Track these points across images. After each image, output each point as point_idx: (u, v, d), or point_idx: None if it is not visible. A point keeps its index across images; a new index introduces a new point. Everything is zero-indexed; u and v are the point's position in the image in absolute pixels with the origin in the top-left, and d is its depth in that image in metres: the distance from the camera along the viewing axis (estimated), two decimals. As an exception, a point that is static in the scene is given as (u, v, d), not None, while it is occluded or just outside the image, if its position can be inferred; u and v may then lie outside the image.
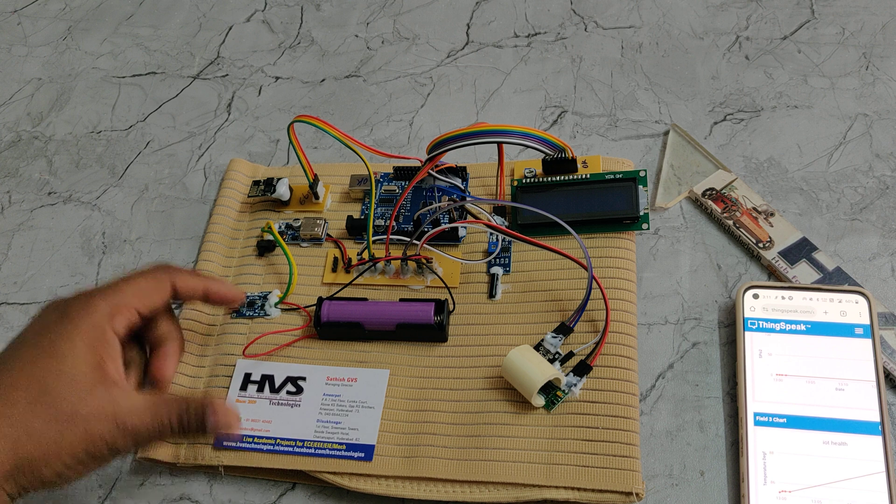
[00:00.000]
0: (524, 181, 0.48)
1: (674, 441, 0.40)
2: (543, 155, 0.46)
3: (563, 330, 0.42)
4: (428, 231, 0.43)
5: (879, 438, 0.37)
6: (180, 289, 0.40)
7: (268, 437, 0.41)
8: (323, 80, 0.59)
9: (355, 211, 0.50)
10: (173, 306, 0.42)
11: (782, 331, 0.41)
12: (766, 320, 0.42)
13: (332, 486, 0.40)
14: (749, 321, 0.42)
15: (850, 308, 0.41)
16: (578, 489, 0.37)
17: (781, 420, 0.38)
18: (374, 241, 0.46)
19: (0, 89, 0.63)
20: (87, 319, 0.35)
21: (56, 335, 0.35)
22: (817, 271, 0.44)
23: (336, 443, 0.41)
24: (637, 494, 0.37)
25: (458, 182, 0.48)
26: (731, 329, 0.43)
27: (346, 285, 0.46)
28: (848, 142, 0.50)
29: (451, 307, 0.44)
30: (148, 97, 0.61)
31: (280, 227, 0.49)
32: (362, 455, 0.40)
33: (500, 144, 0.46)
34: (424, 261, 0.45)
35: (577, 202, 0.45)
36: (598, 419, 0.39)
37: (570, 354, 0.41)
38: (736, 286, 0.45)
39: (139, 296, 0.38)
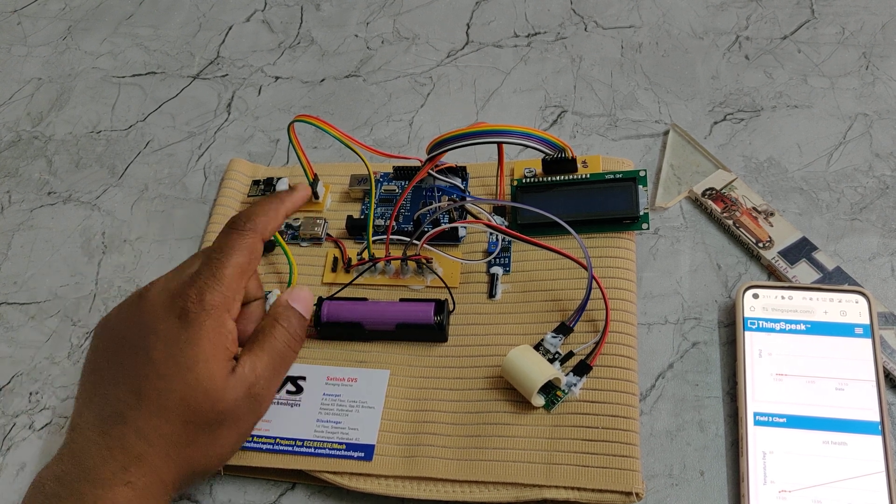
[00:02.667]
0: (524, 181, 0.48)
1: (674, 441, 0.40)
2: (543, 155, 0.46)
3: (563, 330, 0.42)
4: (428, 231, 0.43)
5: (879, 438, 0.37)
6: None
7: (267, 437, 0.41)
8: (323, 80, 0.60)
9: (355, 211, 0.50)
10: None
11: (782, 330, 0.41)
12: (766, 320, 0.42)
13: (331, 486, 0.40)
14: (749, 321, 0.42)
15: (850, 308, 0.41)
16: (578, 489, 0.37)
17: (781, 420, 0.38)
18: (374, 241, 0.46)
19: (0, 89, 0.63)
20: (208, 320, 0.35)
21: (185, 344, 0.35)
22: (817, 271, 0.44)
23: (336, 442, 0.41)
24: (637, 494, 0.37)
25: (457, 182, 0.48)
26: (730, 329, 0.43)
27: (346, 285, 0.46)
28: (848, 141, 0.50)
29: (451, 307, 0.44)
30: (148, 97, 0.61)
31: (280, 227, 0.49)
32: (362, 455, 0.40)
33: (499, 144, 0.46)
34: (424, 261, 0.45)
35: (577, 202, 0.45)
36: (598, 419, 0.39)
37: (570, 354, 0.41)
38: (736, 286, 0.45)
39: (242, 276, 0.37)
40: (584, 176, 0.47)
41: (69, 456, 0.34)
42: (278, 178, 0.50)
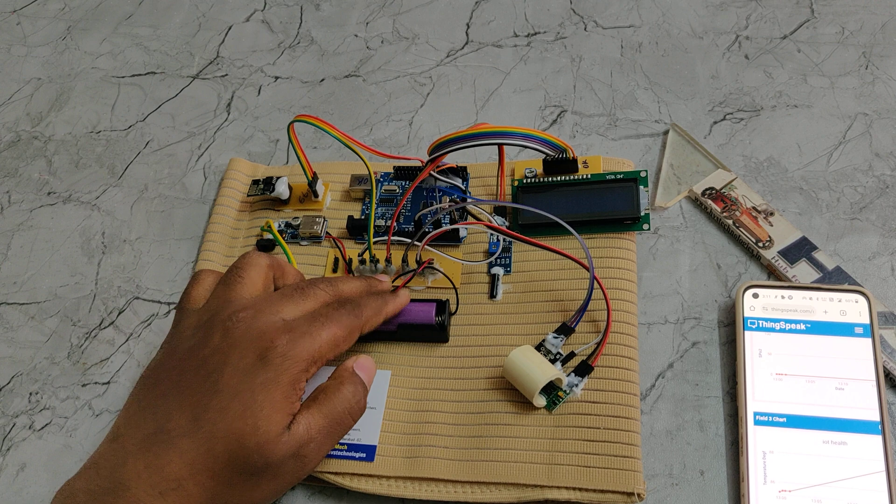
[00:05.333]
0: (525, 181, 0.48)
1: (674, 440, 0.40)
2: (544, 155, 0.46)
3: (565, 330, 0.42)
4: (429, 232, 0.43)
5: (879, 438, 0.37)
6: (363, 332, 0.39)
7: (269, 438, 0.41)
8: (322, 80, 0.59)
9: (355, 210, 0.50)
10: None
11: (782, 330, 0.41)
12: (766, 319, 0.42)
13: (332, 486, 0.40)
14: (749, 320, 0.42)
15: (850, 307, 0.41)
16: (580, 489, 0.37)
17: (781, 419, 0.39)
18: (374, 242, 0.46)
19: (0, 89, 0.63)
20: (288, 372, 0.34)
21: (258, 386, 0.34)
22: (817, 271, 0.44)
23: (337, 443, 0.40)
24: (638, 495, 0.37)
25: (458, 182, 0.48)
26: (730, 328, 0.43)
27: None
28: (848, 141, 0.50)
29: (453, 308, 0.44)
30: (147, 97, 0.61)
31: (280, 226, 0.49)
32: (364, 455, 0.40)
33: (500, 145, 0.46)
34: (427, 264, 0.45)
35: (577, 202, 0.45)
36: (599, 419, 0.39)
37: (572, 354, 0.41)
38: (736, 285, 0.45)
39: (333, 349, 0.37)
40: (584, 176, 0.47)
41: (106, 469, 0.33)
42: (278, 178, 0.50)
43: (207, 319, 0.37)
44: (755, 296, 0.42)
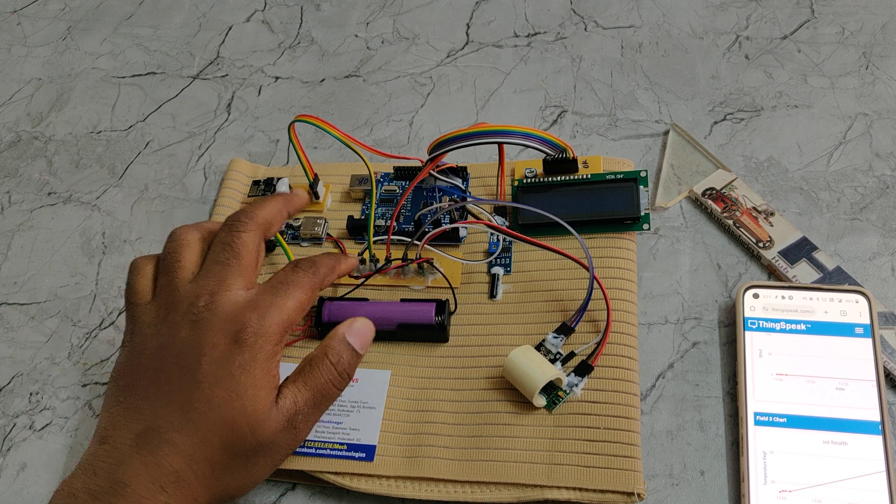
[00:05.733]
0: (525, 181, 0.48)
1: (674, 441, 0.40)
2: (544, 155, 0.46)
3: (565, 330, 0.42)
4: (429, 231, 0.43)
5: (879, 438, 0.37)
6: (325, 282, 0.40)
7: (269, 438, 0.41)
8: (323, 80, 0.59)
9: (356, 211, 0.50)
10: None
11: (782, 330, 0.41)
12: (767, 320, 0.42)
13: (332, 487, 0.40)
14: (749, 321, 0.42)
15: (851, 308, 0.41)
16: (580, 489, 0.37)
17: (782, 420, 0.39)
18: (374, 242, 0.46)
19: (0, 89, 0.63)
20: (263, 349, 0.35)
21: (237, 369, 0.34)
22: (817, 271, 0.44)
23: (337, 443, 0.41)
24: (639, 495, 0.37)
25: (458, 182, 0.48)
26: (731, 329, 0.43)
27: (355, 287, 0.46)
28: (848, 141, 0.50)
29: (452, 307, 0.44)
30: (148, 97, 0.61)
31: (280, 227, 0.49)
32: (363, 455, 0.40)
33: (500, 144, 0.46)
34: (426, 264, 0.45)
35: (577, 202, 0.45)
36: (599, 419, 0.39)
37: (572, 354, 0.41)
38: (736, 286, 0.45)
39: (300, 313, 0.37)
40: (584, 176, 0.47)
41: (104, 470, 0.33)
42: (278, 179, 0.50)
43: (166, 315, 0.36)
44: (755, 296, 0.42)
